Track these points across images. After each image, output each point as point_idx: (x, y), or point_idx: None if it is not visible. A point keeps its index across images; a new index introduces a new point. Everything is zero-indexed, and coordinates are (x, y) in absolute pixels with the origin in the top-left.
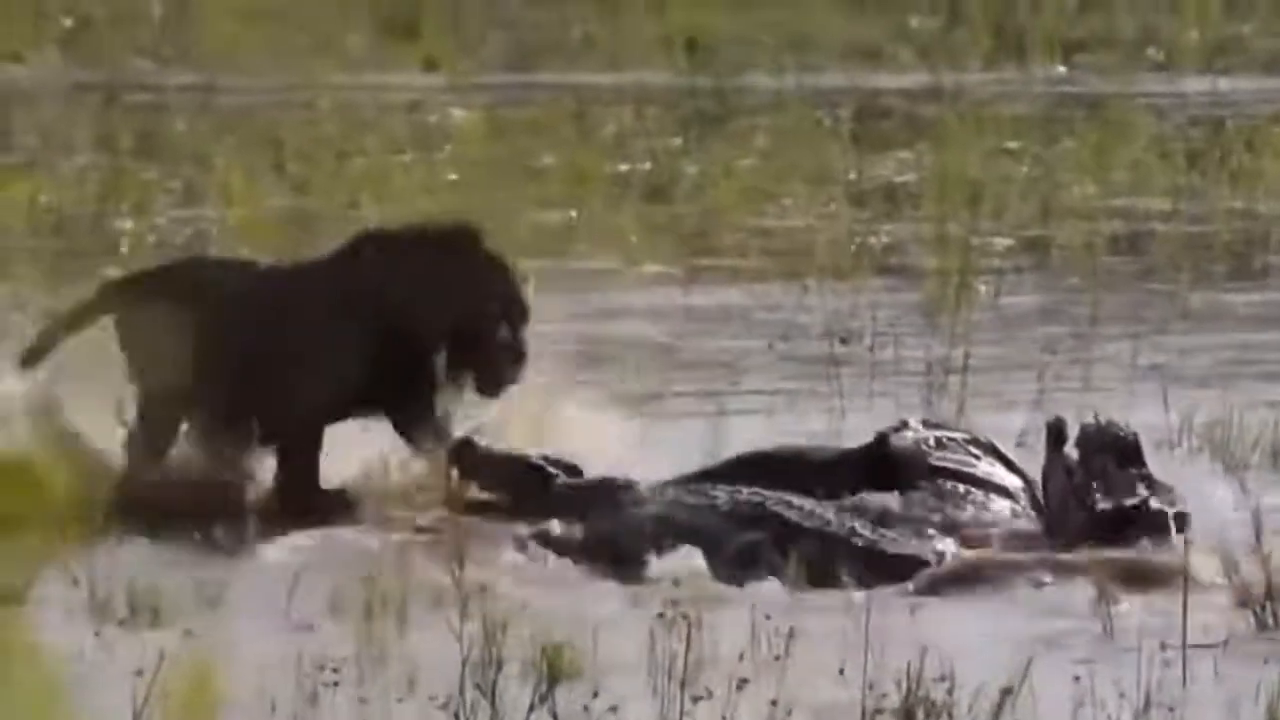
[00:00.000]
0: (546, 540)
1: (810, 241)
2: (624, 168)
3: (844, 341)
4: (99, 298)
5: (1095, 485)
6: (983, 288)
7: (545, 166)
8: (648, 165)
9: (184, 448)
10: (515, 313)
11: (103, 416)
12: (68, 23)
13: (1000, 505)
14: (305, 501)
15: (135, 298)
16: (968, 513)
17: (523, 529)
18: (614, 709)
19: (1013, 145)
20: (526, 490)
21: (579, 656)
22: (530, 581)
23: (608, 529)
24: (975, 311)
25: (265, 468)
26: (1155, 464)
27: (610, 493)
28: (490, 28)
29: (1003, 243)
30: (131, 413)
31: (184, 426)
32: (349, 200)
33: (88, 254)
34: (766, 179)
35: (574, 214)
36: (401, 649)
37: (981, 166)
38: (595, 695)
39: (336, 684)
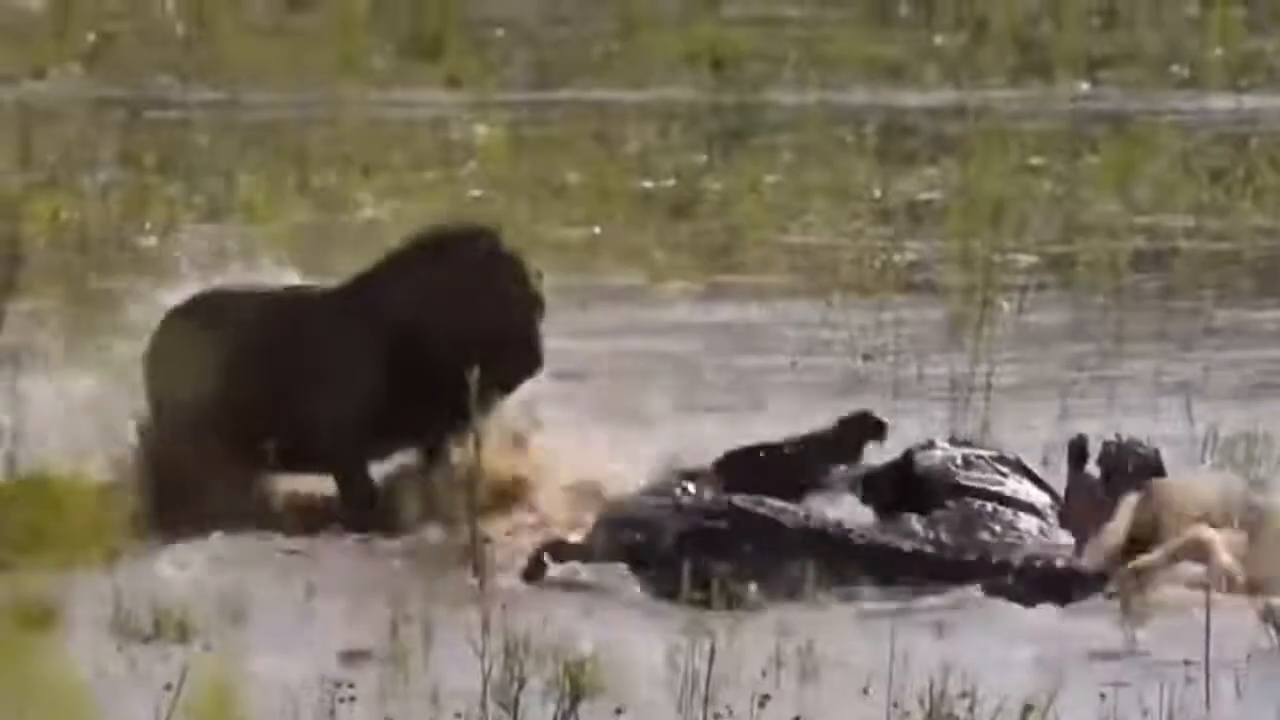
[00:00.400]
0: (558, 551)
1: (834, 258)
2: (648, 184)
3: (867, 358)
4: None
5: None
6: (1006, 305)
7: (569, 183)
8: (672, 182)
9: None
10: (531, 308)
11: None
12: (90, 38)
13: (1028, 523)
14: (364, 522)
15: (161, 334)
16: (994, 532)
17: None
18: None
19: (1037, 162)
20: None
21: (602, 673)
22: (552, 597)
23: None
24: (999, 329)
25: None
26: None
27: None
28: (513, 45)
29: (1026, 260)
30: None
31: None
32: (372, 216)
33: (110, 270)
34: (790, 196)
35: (598, 230)
36: (424, 665)
37: (1006, 183)
38: (619, 712)
39: (353, 699)
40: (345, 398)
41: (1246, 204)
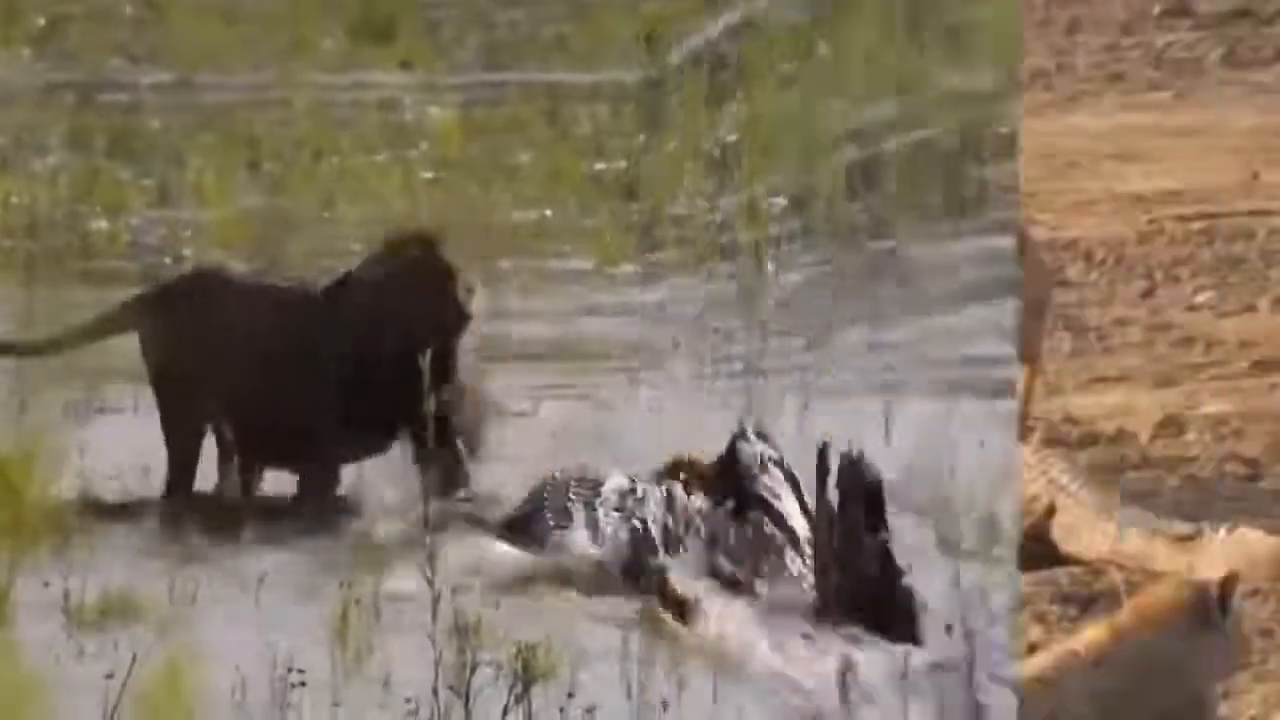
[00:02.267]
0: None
1: None
2: (599, 166)
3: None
4: (122, 312)
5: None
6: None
7: (520, 165)
8: (624, 164)
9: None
10: (456, 322)
11: None
12: (40, 21)
13: (786, 555)
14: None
15: (156, 311)
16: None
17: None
18: (590, 710)
19: None
20: None
21: (554, 658)
22: (503, 581)
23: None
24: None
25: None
26: None
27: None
28: (465, 28)
29: None
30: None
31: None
32: (324, 199)
33: (61, 254)
34: None
35: (549, 213)
36: (375, 651)
37: None
38: (571, 695)
39: (304, 684)
40: (324, 393)
41: None
